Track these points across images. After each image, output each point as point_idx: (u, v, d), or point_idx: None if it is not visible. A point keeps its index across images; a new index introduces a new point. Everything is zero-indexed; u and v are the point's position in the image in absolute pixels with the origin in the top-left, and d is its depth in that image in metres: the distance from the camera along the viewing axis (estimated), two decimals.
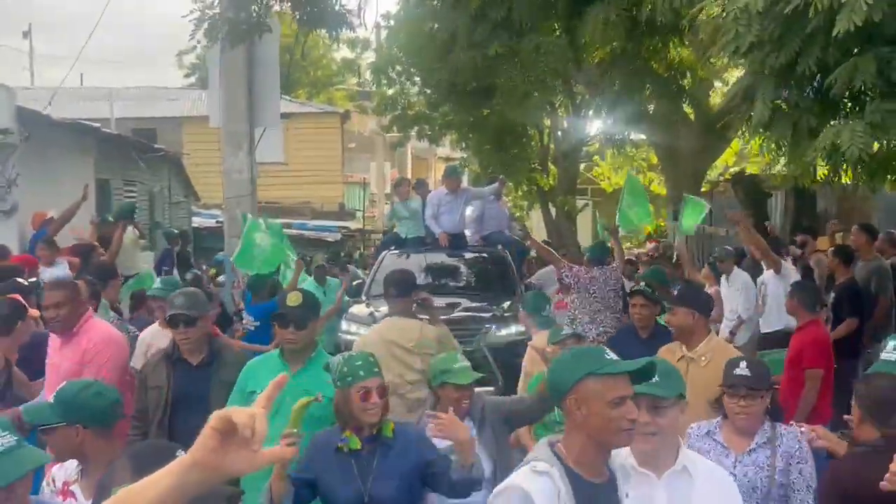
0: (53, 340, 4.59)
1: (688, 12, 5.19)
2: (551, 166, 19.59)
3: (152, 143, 15.58)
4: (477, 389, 4.11)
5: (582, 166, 23.04)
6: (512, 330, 8.68)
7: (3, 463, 2.31)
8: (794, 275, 8.01)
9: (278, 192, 20.87)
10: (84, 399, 3.03)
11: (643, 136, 14.76)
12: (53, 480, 3.09)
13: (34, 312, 5.21)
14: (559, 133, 18.95)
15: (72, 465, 3.10)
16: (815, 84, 4.66)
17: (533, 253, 13.50)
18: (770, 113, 4.81)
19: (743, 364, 3.45)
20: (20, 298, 5.13)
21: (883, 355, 3.17)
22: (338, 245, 18.95)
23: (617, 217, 7.90)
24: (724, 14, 4.60)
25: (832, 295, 7.87)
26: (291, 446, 2.78)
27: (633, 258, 13.91)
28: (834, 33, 3.97)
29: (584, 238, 21.91)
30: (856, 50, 4.53)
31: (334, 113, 25.20)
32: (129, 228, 10.20)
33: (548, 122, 19.15)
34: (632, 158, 21.27)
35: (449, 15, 6.97)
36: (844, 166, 4.70)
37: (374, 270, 10.42)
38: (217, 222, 13.13)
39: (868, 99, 4.52)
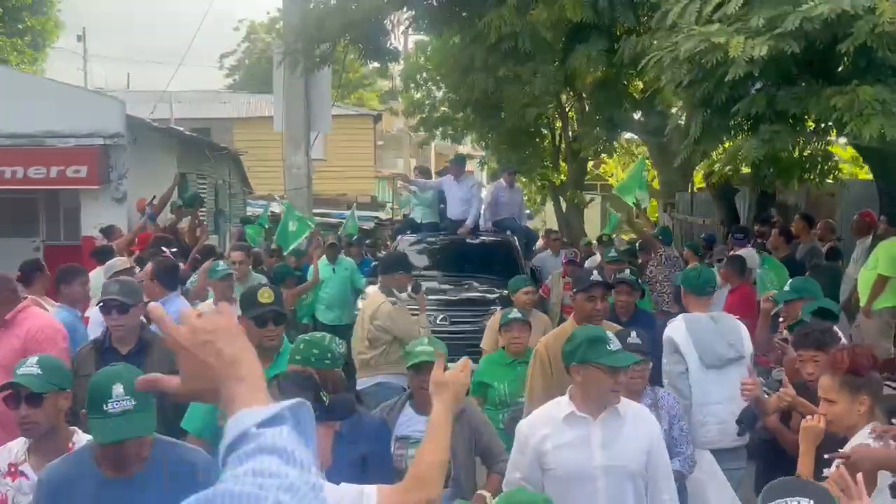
0: None
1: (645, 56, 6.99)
2: (562, 164, 21.13)
3: (213, 144, 17.59)
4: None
5: (591, 164, 24.44)
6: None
7: (115, 423, 2.49)
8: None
9: (318, 186, 22.73)
10: (63, 364, 3.11)
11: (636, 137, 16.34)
12: None
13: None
14: (570, 134, 20.40)
15: (16, 445, 3.01)
16: (724, 113, 6.46)
17: (541, 241, 14.99)
18: (700, 131, 6.66)
19: (633, 334, 3.95)
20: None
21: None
22: (371, 232, 20.71)
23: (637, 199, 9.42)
24: (665, 61, 6.42)
25: None
26: None
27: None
28: (727, 79, 5.78)
29: (591, 228, 23.00)
30: (759, 85, 6.34)
31: (368, 115, 26.99)
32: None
33: (559, 123, 20.66)
34: (635, 156, 22.67)
35: (469, 46, 8.86)
36: (745, 168, 6.53)
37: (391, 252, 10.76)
38: (271, 212, 14.97)
39: (761, 123, 6.32)
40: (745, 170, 8.38)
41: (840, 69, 6.25)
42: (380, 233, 21.30)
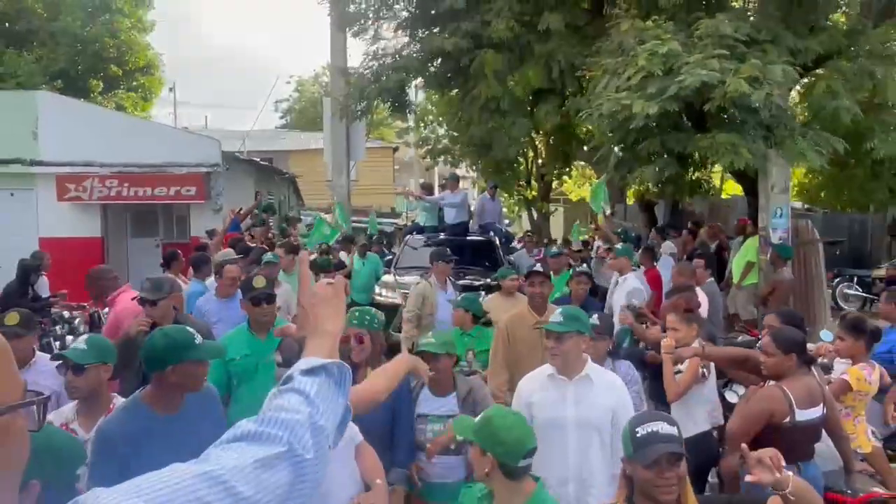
0: None
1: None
2: (534, 183, 22.19)
3: (278, 170, 18.69)
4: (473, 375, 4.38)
5: (555, 183, 25.37)
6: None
7: (207, 347, 2.63)
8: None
9: (352, 200, 23.81)
10: (109, 343, 2.97)
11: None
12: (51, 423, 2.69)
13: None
14: (539, 162, 21.34)
15: (67, 408, 2.87)
16: (634, 149, 7.60)
17: (517, 241, 15.76)
18: (616, 162, 7.80)
19: (595, 316, 3.95)
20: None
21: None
22: (391, 234, 21.68)
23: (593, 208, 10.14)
24: (594, 116, 7.55)
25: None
26: None
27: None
28: (631, 127, 6.92)
29: (556, 231, 23.51)
30: (651, 135, 7.48)
31: (388, 147, 28.09)
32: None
33: (531, 154, 21.67)
34: (587, 178, 23.64)
35: (468, 106, 10.01)
36: (652, 189, 7.68)
37: (401, 249, 10.77)
38: (313, 219, 16.01)
39: (657, 157, 7.46)
40: (653, 190, 9.58)
41: (708, 122, 7.37)
42: (397, 235, 22.19)
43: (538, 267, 4.81)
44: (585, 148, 11.52)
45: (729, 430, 3.40)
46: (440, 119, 21.09)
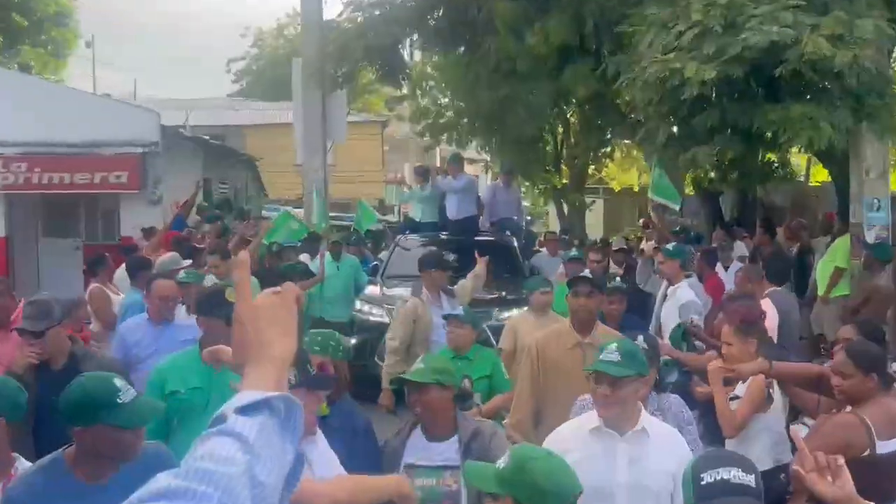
0: None
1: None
2: (564, 167, 22.45)
3: (233, 151, 19.12)
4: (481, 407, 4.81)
5: (593, 168, 25.52)
6: (514, 312, 8.83)
7: (134, 408, 2.61)
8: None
9: (330, 190, 24.19)
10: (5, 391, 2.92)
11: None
12: None
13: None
14: (571, 139, 21.51)
15: None
16: (687, 124, 7.93)
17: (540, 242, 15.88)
18: (665, 140, 8.13)
19: (640, 338, 3.89)
20: None
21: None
22: (379, 234, 22.04)
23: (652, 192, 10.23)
24: (637, 83, 7.88)
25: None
26: None
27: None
28: (683, 97, 7.24)
29: (594, 232, 23.92)
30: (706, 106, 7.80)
31: (376, 122, 28.50)
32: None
33: (560, 129, 21.89)
34: (637, 160, 23.90)
35: (474, 66, 10.37)
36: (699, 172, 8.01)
37: (390, 253, 10.93)
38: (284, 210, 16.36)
39: (716, 134, 7.78)
40: (712, 176, 9.91)
41: (780, 89, 7.68)
42: (388, 235, 22.46)
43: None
44: (629, 121, 11.77)
45: (795, 469, 3.66)
46: (443, 85, 21.45)
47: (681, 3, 7.45)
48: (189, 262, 8.27)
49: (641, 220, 21.50)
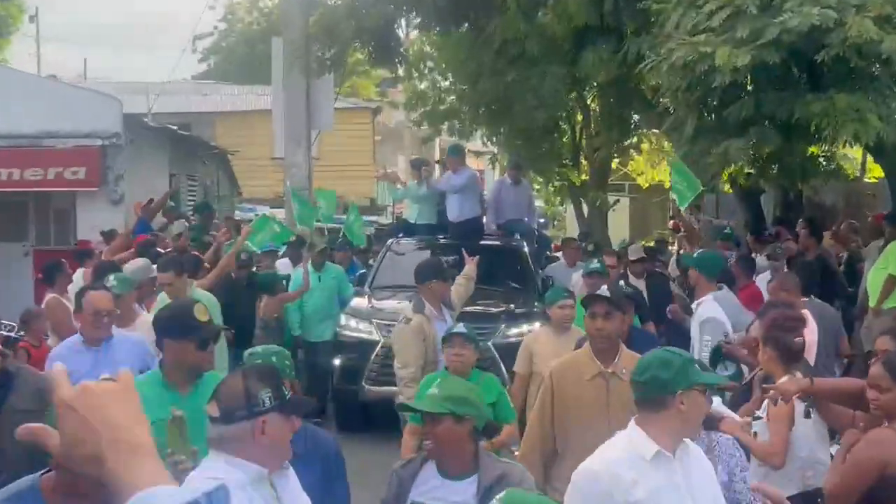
0: None
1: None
2: (583, 161, 22.82)
3: (204, 143, 19.50)
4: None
5: (617, 161, 25.65)
6: (523, 329, 9.00)
7: None
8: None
9: (314, 186, 24.52)
10: None
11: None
12: None
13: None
14: (592, 129, 21.72)
15: None
16: (719, 114, 8.29)
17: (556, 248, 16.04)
18: (694, 131, 8.49)
19: None
20: None
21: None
22: (370, 239, 22.36)
23: (676, 200, 10.53)
24: (662, 67, 8.24)
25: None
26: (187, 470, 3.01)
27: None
28: (714, 85, 7.59)
29: (619, 233, 23.58)
30: (744, 94, 8.17)
31: (366, 108, 28.80)
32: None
33: (580, 117, 22.16)
34: (667, 153, 24.17)
35: (478, 50, 10.74)
36: (736, 168, 8.37)
37: (380, 260, 11.05)
38: (255, 215, 16.70)
39: (751, 125, 8.14)
40: (747, 171, 10.26)
41: (823, 77, 8.04)
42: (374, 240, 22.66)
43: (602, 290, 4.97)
44: (656, 108, 12.08)
45: (827, 490, 3.99)
46: (443, 66, 21.72)
47: None
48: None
49: (671, 222, 21.83)
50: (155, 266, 8.62)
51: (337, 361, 9.78)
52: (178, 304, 4.76)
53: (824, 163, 10.10)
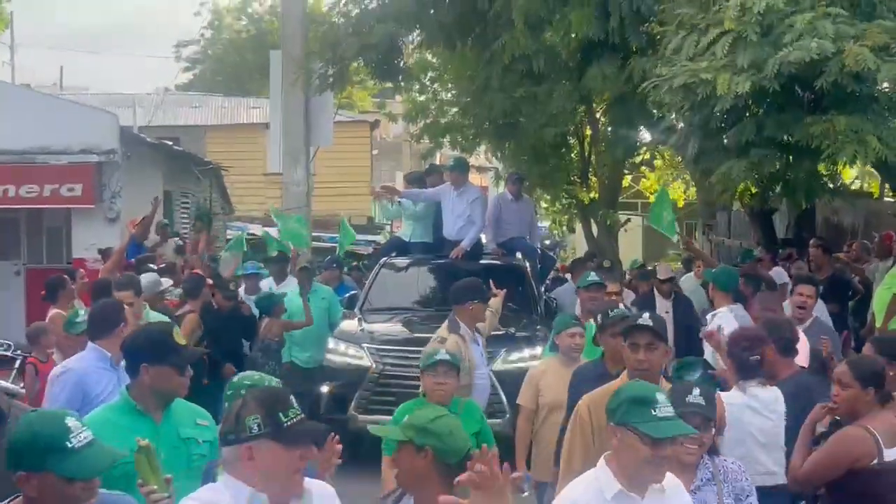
0: None
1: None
2: (592, 178, 22.20)
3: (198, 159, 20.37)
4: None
5: (629, 179, 26.20)
6: (525, 354, 9.40)
7: (87, 456, 2.90)
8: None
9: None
10: None
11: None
12: None
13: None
14: (601, 146, 22.33)
15: None
16: (721, 136, 9.14)
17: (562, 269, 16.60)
18: (697, 152, 9.36)
19: (696, 391, 4.25)
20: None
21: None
22: (368, 258, 23.04)
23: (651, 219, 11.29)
24: (663, 88, 9.08)
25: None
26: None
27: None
28: (716, 111, 8.44)
29: (631, 253, 23.73)
30: (747, 114, 9.04)
31: (363, 121, 29.44)
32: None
33: (589, 131, 22.82)
34: (682, 170, 24.86)
35: (485, 66, 11.60)
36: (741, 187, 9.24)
37: (371, 280, 11.30)
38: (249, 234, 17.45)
39: (752, 147, 8.99)
40: (751, 190, 11.19)
41: (822, 99, 8.88)
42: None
43: (644, 319, 4.98)
44: (661, 124, 12.92)
45: (796, 474, 4.87)
46: (444, 77, 22.44)
47: (713, 6, 8.66)
48: (171, 282, 9.44)
49: (681, 241, 22.49)
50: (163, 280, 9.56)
51: (325, 389, 9.96)
52: (157, 328, 4.82)
53: (828, 182, 10.93)
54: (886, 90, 8.49)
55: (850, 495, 4.72)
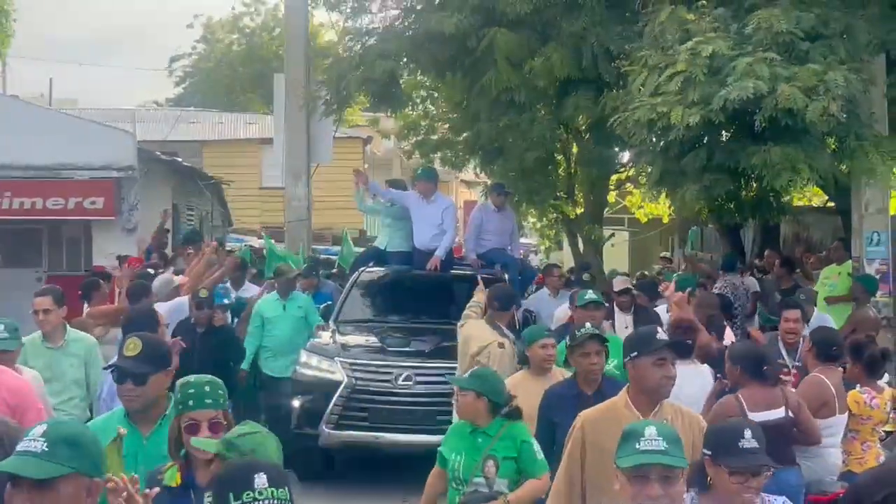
0: None
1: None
2: (578, 194, 22.70)
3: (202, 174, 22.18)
4: None
5: (614, 195, 27.59)
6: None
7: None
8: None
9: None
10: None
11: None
12: None
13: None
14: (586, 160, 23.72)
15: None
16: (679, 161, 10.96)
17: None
18: (658, 175, 11.19)
19: (748, 433, 3.69)
20: None
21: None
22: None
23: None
24: (628, 122, 10.88)
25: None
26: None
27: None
28: (670, 138, 10.25)
29: (617, 267, 24.53)
30: (699, 143, 10.87)
31: (356, 138, 31.11)
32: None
33: (575, 148, 24.28)
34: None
35: (474, 99, 13.47)
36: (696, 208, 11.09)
37: (347, 290, 11.41)
38: (245, 245, 19.18)
39: (704, 172, 10.82)
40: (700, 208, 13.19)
41: (763, 132, 10.68)
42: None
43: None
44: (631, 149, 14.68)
45: None
46: (435, 95, 24.03)
47: (669, 48, 10.49)
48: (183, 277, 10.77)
49: (661, 254, 24.38)
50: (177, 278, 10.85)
51: (296, 402, 9.95)
52: (151, 340, 4.62)
53: (773, 202, 12.98)
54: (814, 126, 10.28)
55: None
